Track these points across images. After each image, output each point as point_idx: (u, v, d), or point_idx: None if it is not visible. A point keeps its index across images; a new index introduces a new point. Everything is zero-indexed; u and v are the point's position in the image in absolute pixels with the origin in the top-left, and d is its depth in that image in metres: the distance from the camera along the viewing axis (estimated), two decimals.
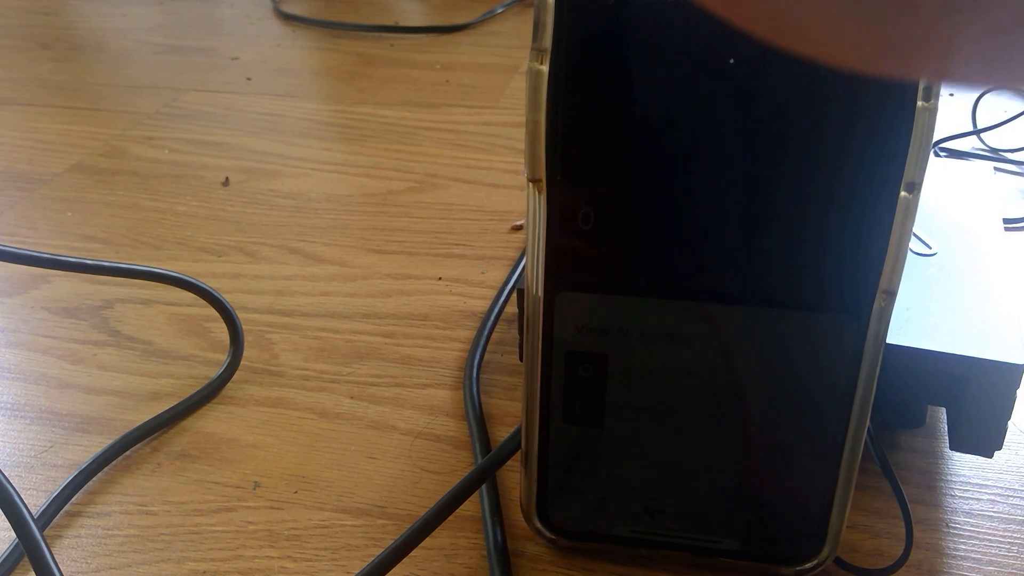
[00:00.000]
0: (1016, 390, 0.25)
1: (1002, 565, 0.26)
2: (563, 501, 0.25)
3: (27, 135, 0.59)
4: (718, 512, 0.24)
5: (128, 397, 0.34)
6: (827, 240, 0.20)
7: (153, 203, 0.49)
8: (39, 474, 0.31)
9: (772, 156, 0.20)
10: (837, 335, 0.21)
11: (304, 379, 0.35)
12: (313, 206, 0.48)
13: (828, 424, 0.23)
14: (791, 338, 0.22)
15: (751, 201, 0.20)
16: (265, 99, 0.64)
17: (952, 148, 0.50)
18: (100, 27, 0.83)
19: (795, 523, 0.24)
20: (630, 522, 0.25)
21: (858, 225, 0.20)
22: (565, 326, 0.23)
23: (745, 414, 0.23)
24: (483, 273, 0.41)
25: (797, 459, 0.23)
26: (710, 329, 0.22)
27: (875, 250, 0.20)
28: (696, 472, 0.24)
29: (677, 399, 0.23)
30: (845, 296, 0.21)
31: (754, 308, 0.21)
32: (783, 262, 0.21)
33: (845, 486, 0.23)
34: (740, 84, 0.19)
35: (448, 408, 0.33)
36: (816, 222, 0.20)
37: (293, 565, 0.27)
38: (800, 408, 0.22)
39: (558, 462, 0.25)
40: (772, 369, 0.22)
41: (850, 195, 0.20)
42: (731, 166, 0.20)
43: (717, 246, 0.21)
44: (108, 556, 0.27)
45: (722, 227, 0.21)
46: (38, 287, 0.41)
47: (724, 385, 0.23)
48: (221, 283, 0.41)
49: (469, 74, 0.67)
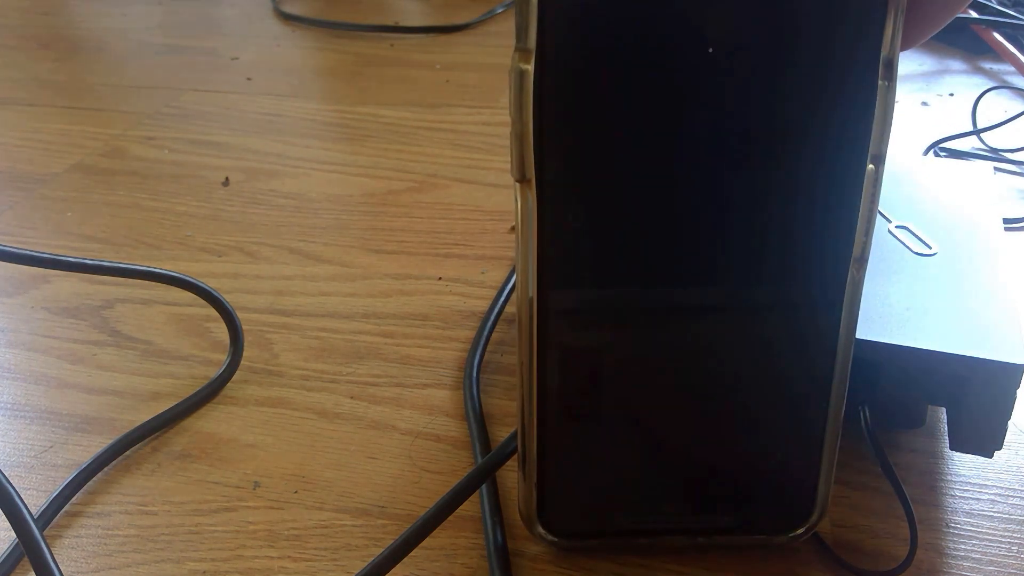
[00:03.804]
0: (1016, 390, 0.25)
1: (1002, 565, 0.26)
2: (563, 502, 0.25)
3: (27, 135, 0.59)
4: (713, 492, 0.25)
5: (128, 397, 0.34)
6: (801, 215, 0.21)
7: (153, 203, 0.49)
8: (39, 474, 0.31)
9: (751, 142, 0.21)
10: (814, 305, 0.22)
11: (304, 379, 0.35)
12: (313, 206, 0.48)
13: (811, 394, 0.23)
14: (773, 313, 0.22)
15: (732, 188, 0.21)
16: (265, 99, 0.64)
17: (952, 148, 0.50)
18: (100, 27, 0.83)
19: (785, 494, 0.25)
20: (630, 514, 0.25)
21: (830, 198, 0.21)
22: (559, 324, 0.23)
23: (735, 394, 0.24)
24: (483, 273, 0.41)
25: (785, 431, 0.24)
26: (699, 315, 0.23)
27: (846, 220, 0.21)
28: (690, 456, 0.25)
29: (670, 386, 0.24)
30: (822, 266, 0.22)
31: (739, 289, 0.22)
32: (765, 241, 0.22)
33: (830, 452, 0.24)
34: (716, 73, 0.20)
35: (448, 408, 0.33)
36: (791, 200, 0.21)
37: (293, 565, 0.27)
38: (785, 382, 0.23)
39: (557, 463, 0.25)
40: (759, 347, 0.23)
41: (821, 171, 0.21)
42: (712, 155, 0.21)
43: (701, 233, 0.22)
44: (108, 556, 0.27)
45: (705, 215, 0.21)
46: (38, 287, 0.41)
47: (714, 367, 0.23)
48: (221, 283, 0.41)
49: (469, 74, 0.67)
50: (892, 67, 0.20)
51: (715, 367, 0.23)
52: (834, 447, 0.24)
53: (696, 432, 0.24)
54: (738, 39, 0.20)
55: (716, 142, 0.21)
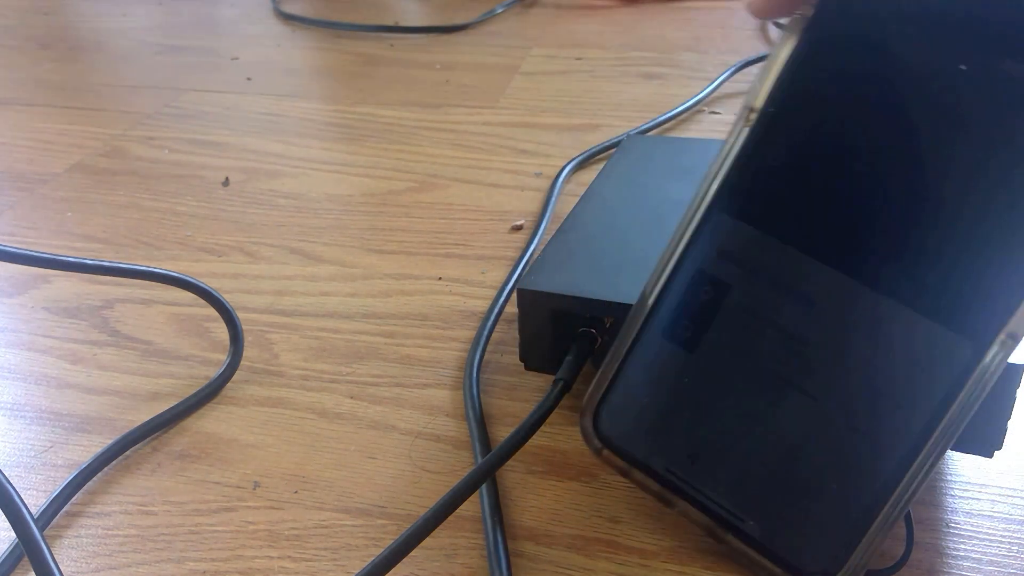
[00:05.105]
0: (1016, 390, 0.25)
1: (1002, 565, 0.26)
2: (621, 410, 0.26)
3: (27, 135, 0.59)
4: (754, 489, 0.24)
5: (128, 397, 0.34)
6: (971, 259, 0.21)
7: (153, 203, 0.49)
8: (39, 474, 0.31)
9: (950, 173, 0.21)
10: (947, 354, 0.21)
11: (304, 379, 0.35)
12: (313, 206, 0.48)
13: (900, 439, 0.22)
14: (903, 338, 0.22)
15: (918, 203, 0.21)
16: (265, 99, 0.64)
17: None
18: (100, 27, 0.83)
19: (825, 532, 0.23)
20: (670, 461, 0.25)
21: (1006, 254, 0.20)
22: (708, 246, 0.24)
23: (823, 398, 0.23)
24: (483, 273, 0.41)
25: (856, 464, 0.23)
26: (832, 301, 0.22)
27: (1014, 286, 0.20)
28: (752, 439, 0.24)
29: (769, 358, 0.23)
30: (968, 318, 0.21)
31: (883, 296, 0.22)
32: (926, 265, 0.21)
33: (892, 509, 0.22)
34: (930, 105, 0.21)
35: (448, 408, 0.33)
36: (970, 241, 0.21)
37: (293, 565, 0.27)
38: (884, 415, 0.22)
39: (635, 368, 0.25)
40: (876, 363, 0.22)
41: (1012, 227, 0.20)
42: (910, 171, 0.21)
43: (872, 230, 0.22)
44: (108, 556, 0.27)
45: (883, 216, 0.21)
46: (38, 287, 0.41)
47: (818, 361, 0.23)
48: (221, 283, 0.41)
49: (469, 74, 0.67)
50: None
51: (819, 358, 0.23)
52: (900, 502, 0.22)
53: (767, 416, 0.23)
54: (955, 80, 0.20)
55: (911, 155, 0.21)
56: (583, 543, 0.27)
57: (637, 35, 0.74)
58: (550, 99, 0.61)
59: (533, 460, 0.30)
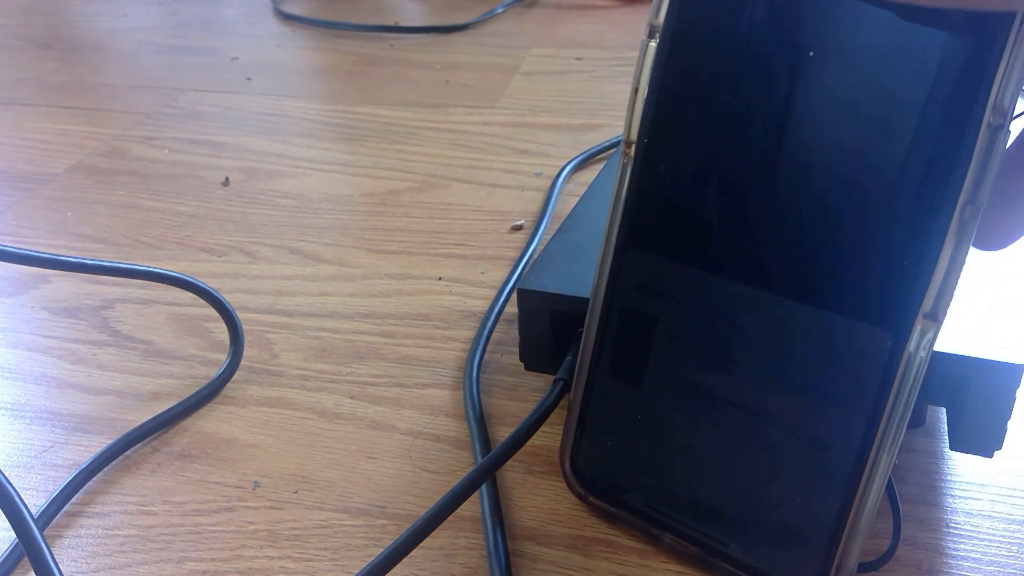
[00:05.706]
0: (1016, 390, 0.25)
1: (1002, 565, 0.26)
2: (593, 454, 0.26)
3: (27, 135, 0.59)
4: (729, 512, 0.24)
5: (128, 397, 0.34)
6: (873, 249, 0.20)
7: (153, 203, 0.49)
8: (39, 474, 0.31)
9: (838, 161, 0.21)
10: (870, 347, 0.21)
11: (304, 379, 0.35)
12: (313, 206, 0.48)
13: (845, 439, 0.22)
14: (823, 340, 0.22)
15: (816, 200, 0.21)
16: (265, 99, 0.64)
17: None
18: (100, 27, 0.83)
19: (803, 542, 0.23)
20: (648, 497, 0.25)
21: (907, 238, 0.20)
22: (627, 282, 0.24)
23: (772, 412, 0.23)
24: (483, 273, 0.41)
25: (815, 474, 0.22)
26: (748, 315, 0.22)
27: (921, 267, 0.20)
28: (715, 464, 0.24)
29: (709, 381, 0.24)
30: (884, 309, 0.21)
31: (801, 304, 0.22)
32: (833, 264, 0.21)
33: (858, 514, 0.22)
34: (817, 79, 0.20)
35: (448, 408, 0.33)
36: (869, 231, 0.20)
37: (293, 565, 0.27)
38: (826, 419, 0.22)
39: (596, 414, 0.26)
40: (805, 370, 0.22)
41: (905, 208, 0.20)
42: (801, 164, 0.21)
43: (778, 238, 0.22)
44: (108, 556, 0.27)
45: (785, 221, 0.21)
46: (38, 287, 0.41)
47: (756, 377, 0.23)
48: (221, 283, 0.41)
49: (469, 74, 0.67)
50: (1004, 113, 0.19)
51: (757, 374, 0.23)
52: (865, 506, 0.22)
53: (723, 438, 0.24)
54: (839, 48, 0.20)
55: (801, 148, 0.21)
56: (583, 543, 0.27)
57: (637, 35, 0.74)
58: (550, 99, 0.61)
59: (533, 460, 0.30)
